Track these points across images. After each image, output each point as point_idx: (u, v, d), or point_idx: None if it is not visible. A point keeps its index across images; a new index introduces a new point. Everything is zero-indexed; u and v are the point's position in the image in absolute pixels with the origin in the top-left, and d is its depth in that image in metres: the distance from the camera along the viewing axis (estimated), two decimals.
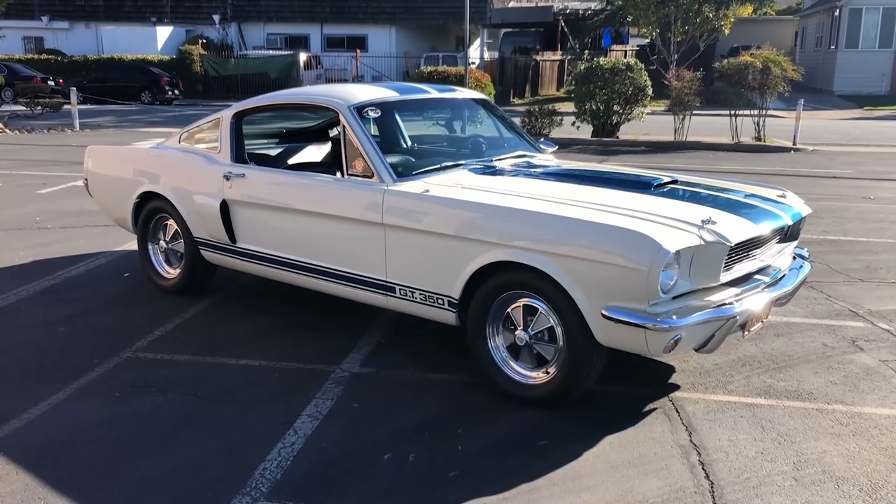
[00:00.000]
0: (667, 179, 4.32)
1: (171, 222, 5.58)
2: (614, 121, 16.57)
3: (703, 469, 3.36)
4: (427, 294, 4.19)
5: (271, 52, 32.56)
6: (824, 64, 33.65)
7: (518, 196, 4.02)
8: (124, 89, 27.26)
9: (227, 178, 5.03)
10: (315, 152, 6.14)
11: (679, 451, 3.52)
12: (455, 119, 5.37)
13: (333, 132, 6.48)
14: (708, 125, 16.77)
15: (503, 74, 28.50)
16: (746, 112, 15.98)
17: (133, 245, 6.96)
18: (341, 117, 4.58)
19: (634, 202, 3.89)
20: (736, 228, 3.68)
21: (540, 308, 3.82)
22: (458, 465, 3.40)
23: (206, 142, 5.52)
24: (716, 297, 3.65)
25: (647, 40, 38.48)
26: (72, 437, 3.60)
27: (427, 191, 4.20)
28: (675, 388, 4.19)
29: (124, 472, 3.30)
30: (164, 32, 34.03)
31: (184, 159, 5.43)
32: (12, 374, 4.33)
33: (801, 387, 4.21)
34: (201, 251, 5.38)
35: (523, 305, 3.89)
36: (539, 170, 4.72)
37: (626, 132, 17.09)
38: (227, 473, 3.30)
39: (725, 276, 3.71)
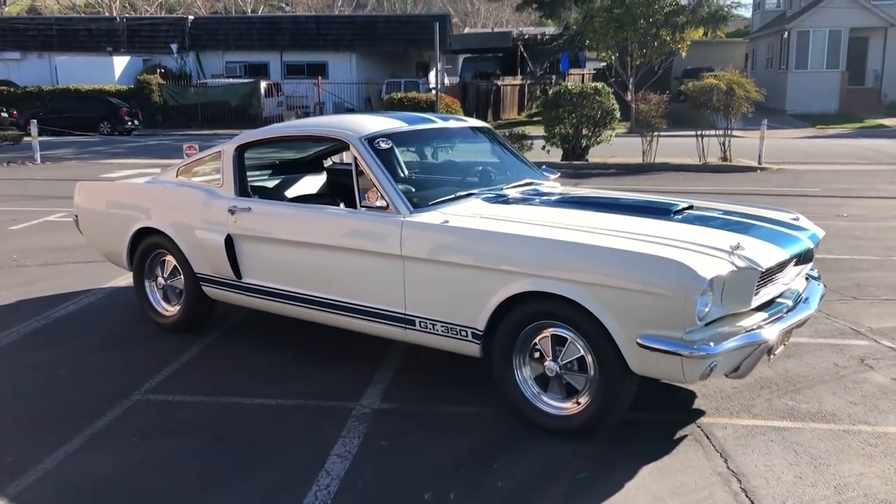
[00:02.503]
0: (684, 205, 4.34)
1: (169, 258, 5.45)
2: (583, 144, 16.74)
3: (746, 496, 3.35)
4: (449, 326, 4.13)
5: (231, 80, 32.32)
6: (776, 84, 34.52)
7: (541, 225, 3.99)
8: (82, 120, 26.71)
9: (231, 212, 4.92)
10: (311, 183, 6.07)
11: (718, 478, 3.50)
12: (459, 148, 5.35)
13: (328, 163, 6.45)
14: (674, 147, 17.03)
15: (465, 99, 28.67)
16: (712, 133, 16.27)
17: (121, 282, 6.84)
18: (353, 149, 4.52)
19: (659, 229, 3.90)
20: (764, 253, 3.71)
21: (569, 338, 3.79)
22: (504, 501, 3.33)
23: (205, 175, 5.41)
24: (746, 323, 3.66)
25: (604, 64, 39.17)
26: (96, 487, 3.46)
27: (447, 221, 4.16)
28: (701, 413, 4.18)
29: None
30: (121, 62, 33.54)
31: (184, 194, 5.31)
32: (20, 421, 4.17)
33: (822, 408, 4.24)
34: (203, 287, 5.26)
35: (551, 335, 3.86)
36: (551, 197, 4.71)
37: (595, 155, 17.26)
38: None
39: (754, 302, 3.72)
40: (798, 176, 15.09)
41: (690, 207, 4.39)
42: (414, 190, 4.50)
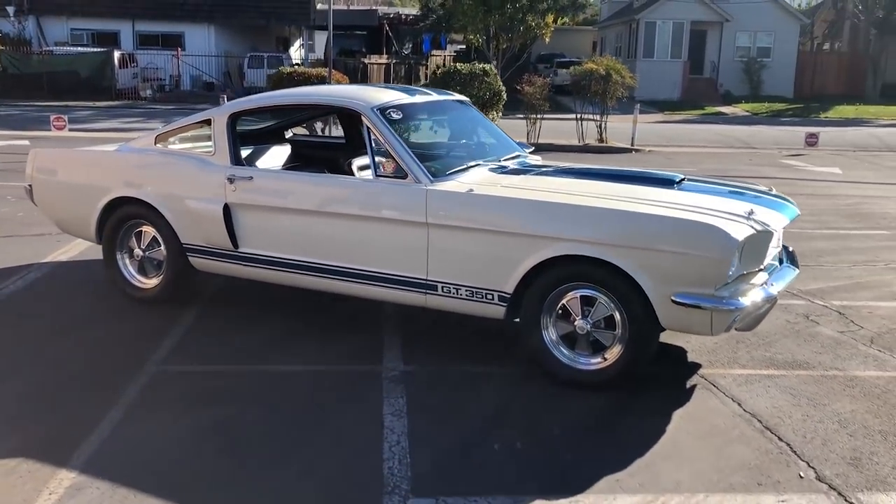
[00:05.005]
0: (681, 177, 4.73)
1: (147, 229, 5.27)
2: None
3: (772, 433, 3.78)
4: (475, 290, 4.32)
5: (80, 49, 30.25)
6: None
7: (569, 194, 4.26)
8: None
9: (230, 180, 4.85)
10: (279, 153, 6.00)
11: (741, 420, 3.92)
12: (452, 121, 5.50)
13: (289, 133, 6.41)
14: (555, 128, 17.77)
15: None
16: (590, 116, 17.14)
17: (61, 256, 6.52)
18: (366, 119, 4.59)
19: (675, 197, 4.26)
20: (774, 218, 4.16)
21: (598, 298, 4.09)
22: (568, 447, 3.60)
23: (189, 143, 5.25)
24: (756, 281, 4.10)
25: (463, 46, 39.85)
26: (163, 455, 3.41)
27: (471, 190, 4.33)
28: (698, 366, 4.61)
29: (255, 482, 3.20)
30: None
31: (170, 162, 5.15)
32: (37, 399, 3.96)
33: (796, 358, 4.78)
34: (190, 258, 5.13)
35: (580, 297, 4.14)
36: (549, 168, 4.99)
37: None
38: (359, 476, 3.29)
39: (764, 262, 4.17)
40: (669, 157, 16.19)
41: (684, 179, 4.79)
42: (428, 160, 4.63)
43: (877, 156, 17.51)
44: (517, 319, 4.32)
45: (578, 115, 17.04)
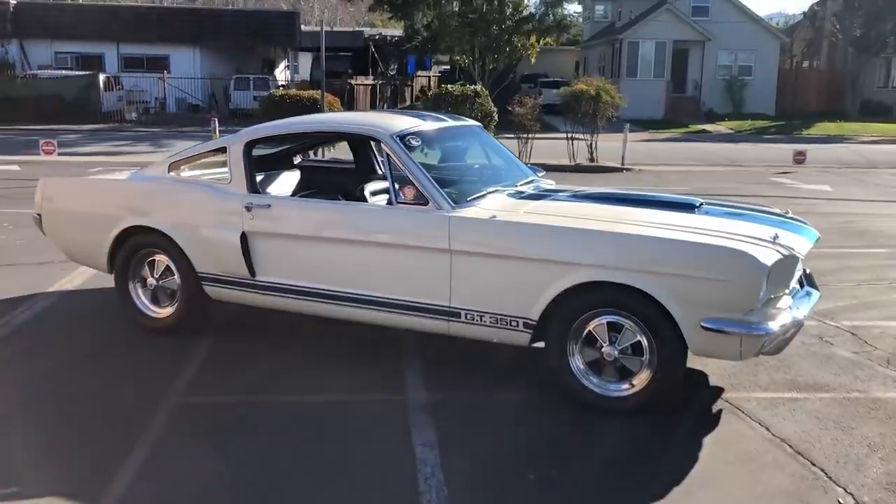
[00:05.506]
0: (701, 201, 4.74)
1: (160, 258, 5.22)
2: None
3: (804, 458, 3.78)
4: (499, 317, 4.30)
5: (65, 72, 30.10)
6: None
7: (593, 220, 4.26)
8: None
9: (248, 209, 4.81)
10: (290, 179, 5.98)
11: (771, 444, 3.92)
12: (467, 146, 5.50)
13: (297, 159, 6.39)
14: (545, 148, 17.85)
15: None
16: (581, 136, 17.24)
17: (66, 285, 6.45)
18: (385, 146, 4.58)
19: (699, 222, 4.28)
20: (798, 243, 4.18)
21: (625, 324, 4.08)
22: (604, 475, 3.57)
23: (201, 170, 5.21)
24: (782, 305, 4.11)
25: (448, 67, 40.00)
26: (209, 486, 3.37)
27: (494, 216, 4.32)
28: (721, 389, 4.61)
29: None
30: None
31: (185, 191, 5.12)
32: (64, 430, 3.89)
33: (816, 380, 4.79)
34: (204, 287, 5.08)
35: (606, 323, 4.13)
36: (566, 193, 4.99)
37: None
38: None
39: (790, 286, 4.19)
40: (659, 176, 16.30)
41: (703, 203, 4.80)
42: (448, 187, 4.62)
43: (864, 173, 17.71)
44: (540, 344, 4.31)
45: (569, 135, 17.12)
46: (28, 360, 4.85)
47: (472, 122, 5.82)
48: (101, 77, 28.84)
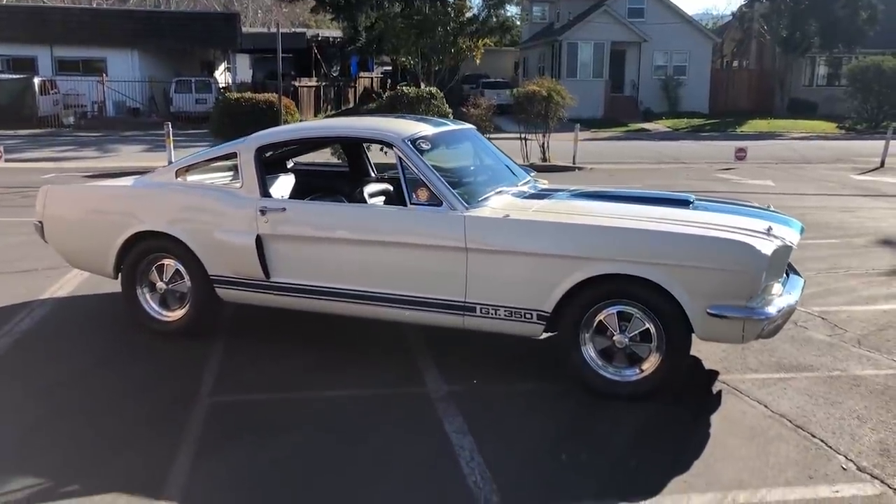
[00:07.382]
0: (693, 198, 5.07)
1: (168, 262, 5.31)
2: None
3: (804, 431, 4.12)
4: (513, 310, 4.55)
5: None
6: None
7: (601, 216, 4.54)
8: None
9: (262, 212, 4.95)
10: (286, 183, 6.11)
11: (772, 420, 4.26)
12: (469, 149, 5.72)
13: (290, 164, 6.52)
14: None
15: None
16: (532, 137, 17.65)
17: (60, 292, 6.45)
18: (398, 150, 4.78)
19: (697, 217, 4.59)
20: (789, 233, 4.54)
21: (634, 313, 4.37)
22: (629, 455, 3.85)
23: (209, 176, 5.31)
24: (775, 291, 4.46)
25: (390, 68, 40.05)
26: (263, 483, 3.51)
27: (507, 215, 4.57)
28: (716, 373, 4.94)
29: None
30: None
31: (197, 196, 5.22)
32: (96, 436, 3.98)
33: (800, 361, 5.17)
34: (217, 289, 5.19)
35: (616, 312, 4.41)
36: (568, 192, 5.27)
37: None
38: (450, 493, 3.46)
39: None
40: (612, 174, 16.79)
41: (695, 199, 5.13)
42: (458, 188, 4.84)
43: (800, 168, 18.55)
44: (551, 334, 4.57)
45: (522, 136, 17.50)
46: (43, 368, 4.88)
47: (468, 125, 6.05)
48: (37, 80, 28.11)
